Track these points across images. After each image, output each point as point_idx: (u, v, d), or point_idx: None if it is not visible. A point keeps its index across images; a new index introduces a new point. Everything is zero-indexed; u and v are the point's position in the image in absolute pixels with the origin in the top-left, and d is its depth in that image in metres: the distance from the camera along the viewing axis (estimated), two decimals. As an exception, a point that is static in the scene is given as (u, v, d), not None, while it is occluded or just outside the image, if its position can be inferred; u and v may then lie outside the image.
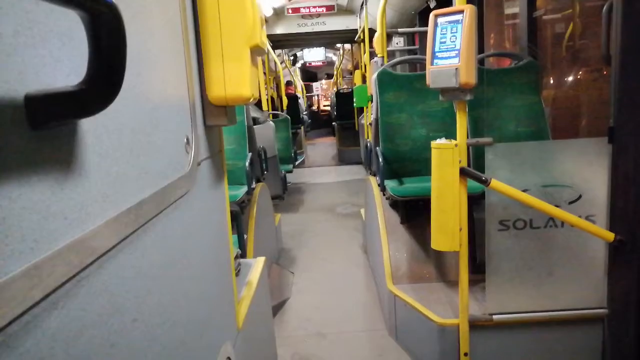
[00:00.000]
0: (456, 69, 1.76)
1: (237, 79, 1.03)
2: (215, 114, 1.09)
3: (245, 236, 2.47)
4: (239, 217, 2.11)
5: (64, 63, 0.50)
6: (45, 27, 0.47)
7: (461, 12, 1.76)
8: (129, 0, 0.68)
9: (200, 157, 1.02)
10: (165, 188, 0.77)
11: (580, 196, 1.96)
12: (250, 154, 3.28)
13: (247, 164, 3.15)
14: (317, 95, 18.52)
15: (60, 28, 0.50)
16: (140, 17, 0.73)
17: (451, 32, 1.80)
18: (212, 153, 1.15)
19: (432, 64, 1.86)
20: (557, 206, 1.91)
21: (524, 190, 1.92)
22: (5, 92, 0.41)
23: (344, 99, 9.97)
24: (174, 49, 0.90)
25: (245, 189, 3.02)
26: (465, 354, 2.02)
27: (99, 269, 0.54)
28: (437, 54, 1.84)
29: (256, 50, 1.07)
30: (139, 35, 0.71)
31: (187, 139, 0.93)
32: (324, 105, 17.69)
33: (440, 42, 1.83)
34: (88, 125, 0.54)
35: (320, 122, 15.61)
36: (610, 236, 1.85)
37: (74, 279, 0.49)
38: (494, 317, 2.00)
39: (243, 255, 2.09)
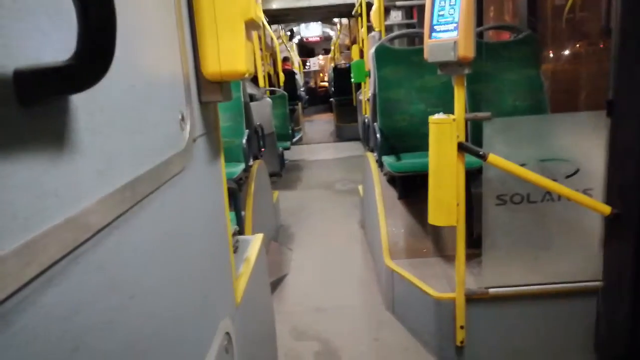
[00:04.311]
0: (454, 42, 1.74)
1: (232, 54, 1.01)
2: (210, 90, 1.07)
3: (243, 213, 2.47)
4: (236, 194, 2.11)
5: (52, 37, 0.49)
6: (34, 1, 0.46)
7: (460, -16, 1.73)
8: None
9: (195, 133, 1.01)
10: (161, 165, 0.77)
11: (577, 170, 1.97)
12: (247, 131, 3.26)
13: (244, 141, 3.14)
14: (315, 71, 18.33)
15: (48, 0, 0.48)
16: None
17: (450, 5, 1.77)
18: (208, 130, 1.14)
19: (430, 37, 1.83)
20: (554, 180, 1.91)
21: (521, 165, 1.92)
22: None
23: (341, 75, 9.88)
24: (167, 23, 0.88)
25: (242, 166, 3.01)
26: (462, 327, 2.05)
27: (94, 246, 0.54)
28: (435, 27, 1.82)
29: (251, 25, 1.05)
30: (130, 8, 0.70)
31: (182, 116, 0.92)
32: (322, 81, 17.54)
33: (439, 15, 1.80)
34: (80, 102, 0.53)
35: (317, 98, 15.50)
36: (607, 209, 1.86)
37: (69, 256, 0.49)
38: (490, 290, 2.02)
39: (241, 232, 2.10)
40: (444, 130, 1.85)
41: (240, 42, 1.02)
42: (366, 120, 3.54)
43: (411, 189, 2.95)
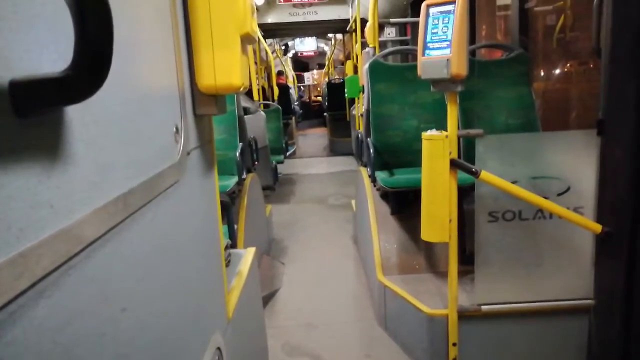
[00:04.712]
0: (447, 59, 1.76)
1: (227, 67, 1.02)
2: (205, 103, 1.08)
3: (235, 226, 2.46)
4: (229, 208, 2.10)
5: (50, 48, 0.49)
6: (30, 11, 0.46)
7: (453, 2, 1.76)
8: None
9: (189, 146, 1.01)
10: (154, 177, 0.77)
11: (568, 188, 1.98)
12: (241, 144, 3.26)
13: (237, 154, 3.14)
14: (309, 85, 18.44)
15: (46, 12, 0.49)
16: (128, 4, 0.71)
17: (443, 23, 1.80)
18: (202, 142, 1.14)
19: (423, 54, 1.85)
20: (546, 198, 1.92)
21: (513, 182, 1.93)
22: None
23: (335, 90, 9.94)
24: (163, 36, 0.89)
25: (235, 179, 3.01)
26: (454, 344, 2.04)
27: (87, 258, 0.54)
28: (428, 44, 1.84)
29: (247, 39, 1.06)
30: (126, 21, 0.70)
31: (177, 128, 0.92)
32: (315, 96, 17.63)
33: (432, 33, 1.82)
34: (75, 113, 0.53)
35: (311, 113, 15.57)
36: (598, 228, 1.87)
37: (62, 268, 0.49)
38: (482, 307, 2.02)
39: (233, 245, 2.08)
40: (437, 147, 1.86)
41: (236, 56, 1.02)
42: (360, 135, 3.56)
43: (404, 204, 2.95)
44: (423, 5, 1.85)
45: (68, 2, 0.42)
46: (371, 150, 2.95)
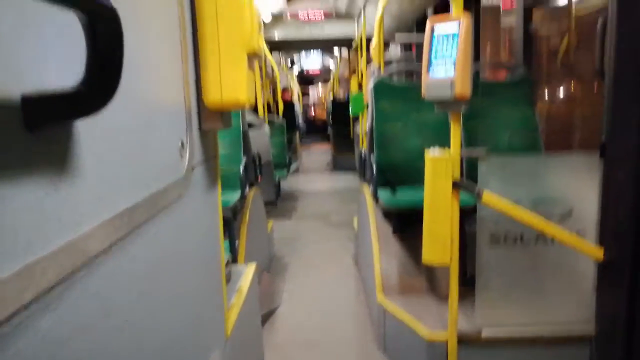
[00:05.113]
0: (452, 80, 1.77)
1: (233, 84, 1.03)
2: (211, 118, 1.08)
3: (236, 242, 2.46)
4: (231, 223, 2.10)
5: (61, 63, 0.50)
6: (43, 27, 0.47)
7: (458, 21, 1.77)
8: (127, 3, 0.68)
9: (194, 161, 1.01)
10: (159, 192, 0.77)
11: (571, 210, 1.97)
12: (244, 159, 3.27)
13: (241, 169, 3.14)
14: (314, 104, 18.56)
15: (58, 28, 0.49)
16: (139, 20, 0.72)
17: (447, 44, 1.81)
18: (206, 158, 1.14)
19: (428, 75, 1.86)
20: (548, 220, 1.91)
21: (515, 204, 1.92)
22: (2, 93, 0.40)
23: (339, 106, 10.02)
24: (172, 52, 0.90)
25: (238, 194, 3.00)
26: (454, 367, 2.01)
27: (91, 271, 0.54)
28: (432, 65, 1.85)
29: (253, 55, 1.07)
30: (136, 37, 0.71)
31: (182, 143, 0.92)
32: (320, 114, 17.74)
33: (437, 54, 1.84)
34: (83, 127, 0.53)
35: (315, 128, 15.67)
36: (600, 255, 1.85)
37: (67, 281, 0.49)
38: (483, 333, 1.99)
39: (234, 260, 2.08)
40: (440, 167, 1.86)
41: (242, 73, 1.03)
42: (363, 152, 3.57)
43: (407, 223, 2.94)
44: (428, 22, 1.86)
45: (81, 20, 0.42)
46: (374, 168, 2.96)
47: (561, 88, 3.75)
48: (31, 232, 0.43)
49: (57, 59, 0.49)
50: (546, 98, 3.84)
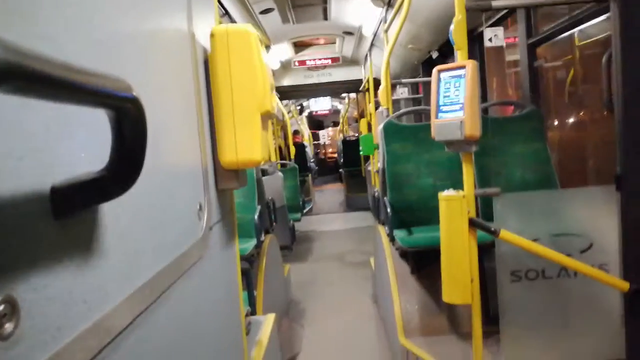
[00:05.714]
0: (461, 121, 1.79)
1: (248, 143, 1.06)
2: (227, 178, 1.11)
3: (254, 292, 2.45)
4: (249, 273, 2.10)
5: (88, 151, 0.52)
6: (75, 121, 0.50)
7: (463, 67, 1.81)
8: (147, 79, 0.71)
9: (212, 221, 1.03)
10: (179, 257, 0.78)
11: (591, 244, 1.95)
12: (259, 206, 3.29)
13: (256, 217, 3.16)
14: (324, 144, 18.76)
15: (87, 120, 0.52)
16: (159, 94, 0.76)
17: (454, 86, 1.84)
18: (223, 214, 1.16)
19: (437, 117, 1.89)
20: (568, 255, 1.89)
21: (534, 240, 1.90)
22: (33, 186, 0.43)
23: (350, 146, 10.12)
24: (188, 118, 0.93)
25: (254, 242, 3.01)
26: (483, 412, 1.94)
27: (114, 348, 0.55)
28: (441, 107, 1.88)
29: (267, 115, 1.11)
30: (156, 111, 0.74)
31: (200, 205, 0.95)
32: (331, 153, 17.88)
33: (444, 96, 1.87)
34: (106, 207, 0.55)
35: (327, 169, 15.75)
36: (625, 286, 1.82)
37: None
38: (511, 372, 1.94)
39: (253, 312, 2.07)
40: (454, 207, 1.86)
41: (257, 133, 1.07)
42: (376, 193, 3.58)
43: (424, 263, 2.91)
44: (434, 71, 1.91)
45: (108, 113, 0.45)
46: (388, 210, 2.96)
47: (571, 119, 3.76)
48: (61, 318, 0.44)
49: (86, 147, 0.52)
50: (556, 130, 3.84)
